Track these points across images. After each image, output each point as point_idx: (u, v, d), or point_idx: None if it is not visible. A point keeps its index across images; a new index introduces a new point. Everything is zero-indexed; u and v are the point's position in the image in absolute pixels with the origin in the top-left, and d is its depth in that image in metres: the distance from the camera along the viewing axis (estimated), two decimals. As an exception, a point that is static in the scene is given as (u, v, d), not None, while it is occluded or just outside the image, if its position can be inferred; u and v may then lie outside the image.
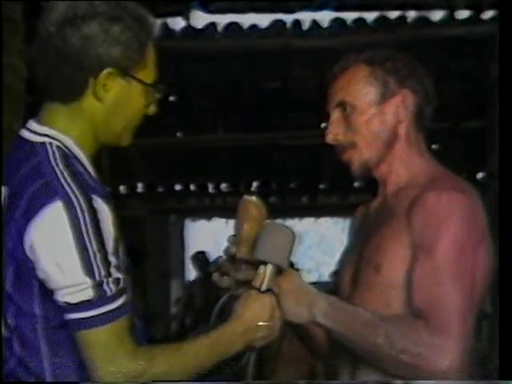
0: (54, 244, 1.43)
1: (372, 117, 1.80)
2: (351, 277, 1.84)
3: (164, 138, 8.08)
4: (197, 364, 1.57)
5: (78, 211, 1.42)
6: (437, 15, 6.13)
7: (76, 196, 1.44)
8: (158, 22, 6.06)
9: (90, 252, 1.42)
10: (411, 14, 6.17)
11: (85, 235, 1.42)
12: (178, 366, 1.53)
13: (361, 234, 1.88)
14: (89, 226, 1.43)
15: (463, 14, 6.08)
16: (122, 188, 9.73)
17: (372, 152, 1.81)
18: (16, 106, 4.24)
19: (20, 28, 4.32)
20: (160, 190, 10.11)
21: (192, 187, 10.28)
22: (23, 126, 1.59)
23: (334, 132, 1.83)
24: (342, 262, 1.93)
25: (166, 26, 6.14)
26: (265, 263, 1.70)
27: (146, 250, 6.89)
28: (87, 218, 1.43)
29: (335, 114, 1.83)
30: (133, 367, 1.46)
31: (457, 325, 1.63)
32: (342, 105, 1.82)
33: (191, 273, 11.43)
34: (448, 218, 1.70)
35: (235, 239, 1.78)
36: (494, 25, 5.94)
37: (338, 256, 2.01)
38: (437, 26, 6.08)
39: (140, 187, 10.09)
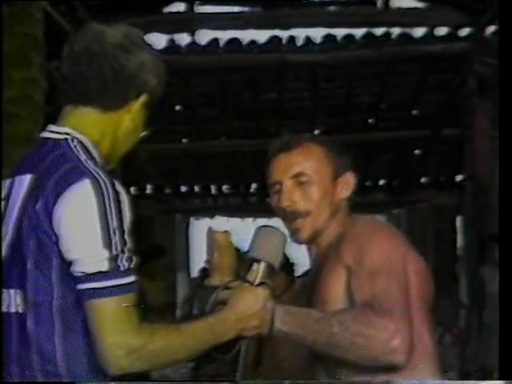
0: (80, 216, 1.44)
1: (326, 191, 1.84)
2: None
3: (171, 144, 8.10)
4: (193, 344, 1.56)
5: (104, 190, 1.45)
6: (418, 32, 6.13)
7: (102, 177, 1.46)
8: (166, 38, 6.07)
9: (111, 228, 1.44)
10: (395, 31, 6.17)
11: (108, 212, 1.44)
12: (176, 343, 1.53)
13: (304, 294, 1.91)
14: (112, 204, 1.45)
15: (442, 31, 6.09)
16: (132, 189, 9.74)
17: (322, 221, 1.85)
18: (36, 115, 4.25)
19: (41, 44, 4.32)
20: (167, 191, 10.13)
21: (196, 189, 10.29)
22: (44, 129, 1.62)
23: (291, 198, 1.83)
24: None
25: (173, 42, 6.15)
26: (258, 261, 1.70)
27: (162, 246, 6.88)
28: (112, 197, 1.45)
29: (290, 182, 1.84)
30: (135, 340, 1.46)
31: (399, 309, 1.64)
32: (300, 176, 1.84)
33: (195, 266, 11.42)
34: (371, 234, 1.76)
35: (209, 268, 1.81)
36: (470, 42, 5.96)
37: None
38: (418, 43, 6.08)
39: (149, 189, 10.11)
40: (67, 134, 1.57)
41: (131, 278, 1.48)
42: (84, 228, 1.45)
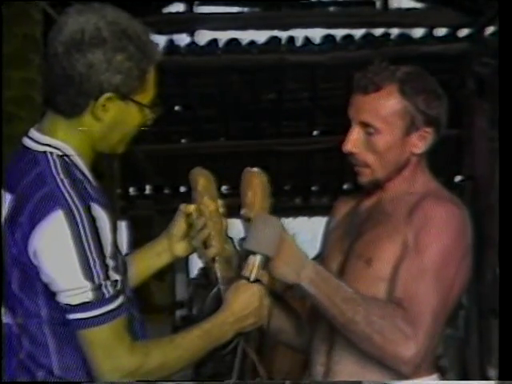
0: (56, 251, 1.41)
1: (393, 146, 1.76)
2: (338, 266, 1.82)
3: (170, 144, 8.09)
4: (190, 355, 1.55)
5: (78, 220, 1.41)
6: (417, 33, 6.13)
7: (76, 205, 1.41)
8: (165, 38, 6.06)
9: (90, 258, 1.41)
10: (394, 32, 6.17)
11: (84, 242, 1.41)
12: (173, 358, 1.52)
13: (350, 229, 1.86)
14: (88, 233, 1.41)
15: (441, 31, 6.09)
16: (131, 190, 9.73)
17: (383, 173, 1.79)
18: (34, 115, 4.25)
19: (39, 44, 4.32)
20: (166, 191, 10.11)
21: (195, 189, 10.26)
22: (25, 134, 1.58)
23: (354, 145, 1.77)
24: (328, 252, 1.91)
25: (171, 43, 6.14)
26: (254, 253, 1.66)
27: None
28: (86, 226, 1.41)
29: (357, 129, 1.77)
30: (130, 362, 1.45)
31: (429, 322, 1.63)
32: (368, 125, 1.75)
33: (194, 267, 11.41)
34: (443, 226, 1.70)
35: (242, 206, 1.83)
36: (469, 42, 5.96)
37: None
38: (417, 43, 6.08)
39: (148, 189, 10.09)
40: (47, 144, 1.52)
41: (117, 302, 1.46)
42: (62, 262, 1.42)
